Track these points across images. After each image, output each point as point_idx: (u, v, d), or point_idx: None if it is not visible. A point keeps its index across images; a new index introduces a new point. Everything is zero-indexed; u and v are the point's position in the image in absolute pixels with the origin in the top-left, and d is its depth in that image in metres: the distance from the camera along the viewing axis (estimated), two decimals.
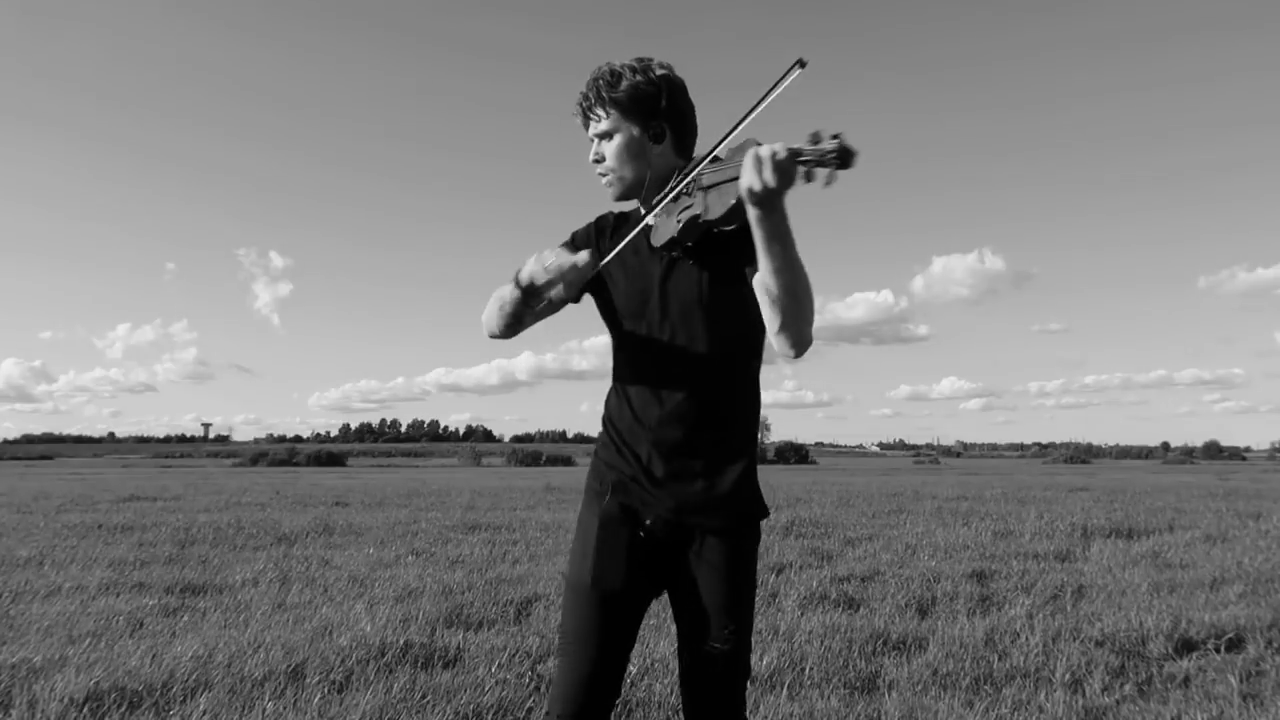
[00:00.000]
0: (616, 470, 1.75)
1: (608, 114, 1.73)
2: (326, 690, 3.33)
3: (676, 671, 1.85)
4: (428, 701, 3.22)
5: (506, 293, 1.69)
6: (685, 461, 1.70)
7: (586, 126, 1.79)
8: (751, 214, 1.47)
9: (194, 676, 3.43)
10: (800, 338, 1.56)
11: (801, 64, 1.47)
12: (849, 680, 3.55)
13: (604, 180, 1.77)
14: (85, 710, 3.09)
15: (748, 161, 1.43)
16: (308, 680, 3.43)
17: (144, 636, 4.28)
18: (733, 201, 1.53)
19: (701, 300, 1.69)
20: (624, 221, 1.86)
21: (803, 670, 3.62)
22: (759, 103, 1.52)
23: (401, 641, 3.90)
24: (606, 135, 1.74)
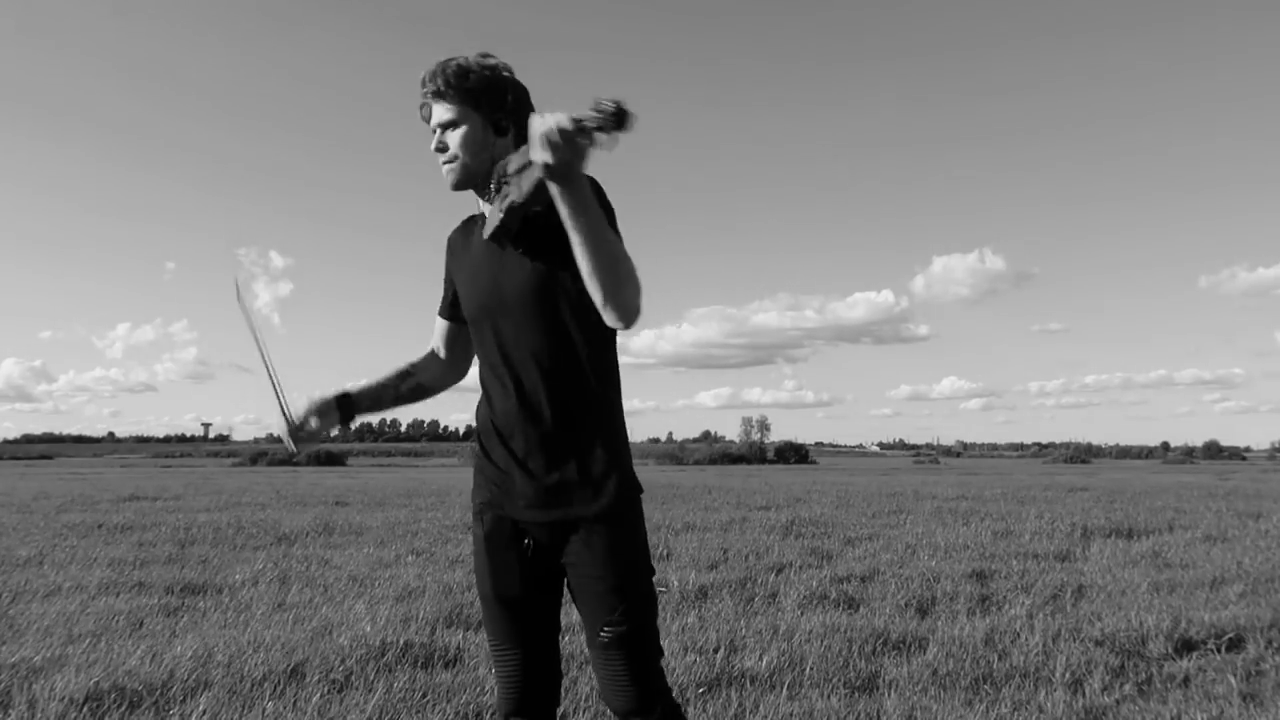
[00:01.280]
0: (489, 479, 1.79)
1: (453, 104, 1.74)
2: (326, 690, 3.33)
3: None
4: (428, 701, 3.23)
5: None
6: (543, 456, 1.70)
7: (429, 117, 1.79)
8: (552, 190, 1.47)
9: (194, 676, 3.43)
10: (624, 309, 1.54)
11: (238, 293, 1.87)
12: (849, 680, 3.56)
13: (445, 169, 1.77)
14: (85, 710, 3.10)
15: (532, 137, 1.43)
16: (307, 680, 3.43)
17: (144, 636, 4.28)
18: (535, 182, 1.54)
19: (537, 289, 1.68)
20: (470, 225, 1.90)
21: (802, 670, 3.62)
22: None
23: (401, 641, 3.90)
24: (451, 125, 1.74)
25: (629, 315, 1.56)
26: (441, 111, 1.75)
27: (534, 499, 1.72)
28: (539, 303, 1.69)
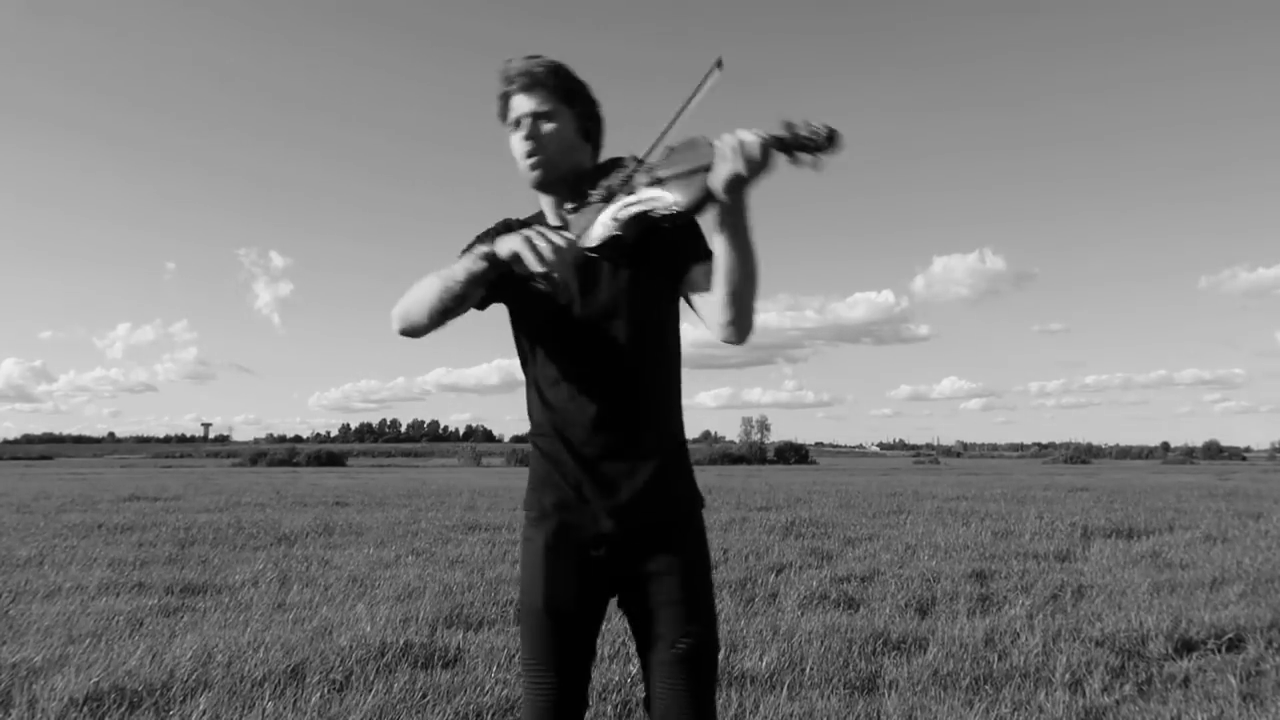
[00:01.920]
0: (554, 487, 1.71)
1: (549, 96, 1.68)
2: (326, 690, 3.33)
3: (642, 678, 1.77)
4: (428, 701, 3.22)
5: (458, 273, 1.60)
6: (617, 465, 1.67)
7: (506, 112, 1.70)
8: (723, 203, 1.48)
9: (194, 676, 3.43)
10: (750, 325, 1.60)
11: (719, 65, 1.52)
12: (849, 680, 3.55)
13: (531, 162, 1.68)
14: (85, 710, 3.10)
15: (727, 149, 1.43)
16: (307, 680, 3.43)
17: (144, 636, 4.28)
18: (700, 193, 1.51)
19: (627, 300, 1.67)
20: (534, 222, 1.78)
21: (803, 670, 3.62)
22: (683, 108, 1.56)
23: (401, 641, 3.89)
24: (545, 116, 1.67)
25: (749, 332, 1.61)
26: (535, 102, 1.67)
27: (612, 507, 1.66)
28: (630, 311, 1.66)
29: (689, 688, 1.63)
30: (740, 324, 1.59)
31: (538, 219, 1.79)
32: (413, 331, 1.71)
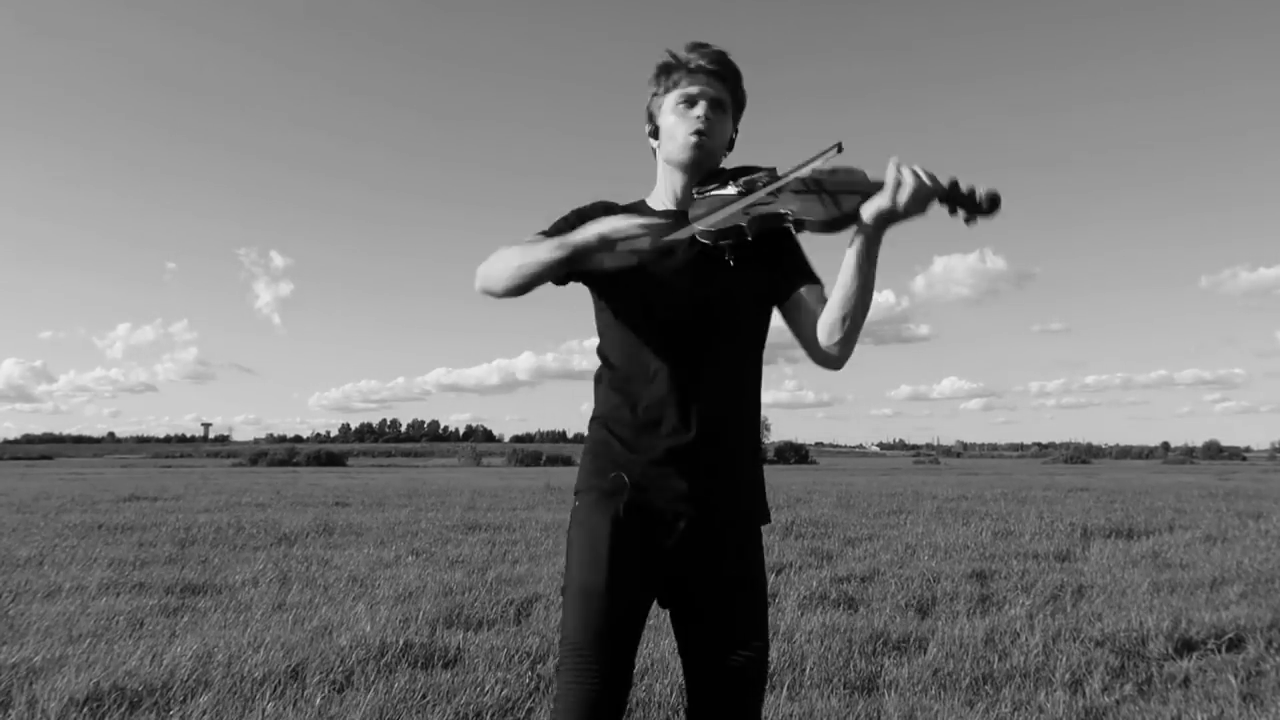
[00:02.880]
0: (629, 467, 1.63)
1: (727, 90, 1.73)
2: (326, 690, 3.33)
3: (683, 682, 1.77)
4: (428, 701, 3.22)
5: (540, 254, 1.58)
6: (710, 454, 1.63)
7: (680, 83, 1.71)
8: (867, 231, 1.52)
9: (194, 676, 3.43)
10: (851, 351, 1.63)
11: (840, 148, 1.53)
12: (849, 680, 3.55)
13: (696, 140, 1.69)
14: (85, 710, 3.09)
15: (892, 183, 1.46)
16: (308, 680, 3.43)
17: (144, 636, 4.28)
18: (844, 214, 1.54)
19: (734, 300, 1.67)
20: (634, 211, 1.78)
21: (803, 670, 3.62)
22: (795, 170, 1.60)
23: (401, 641, 3.89)
24: (720, 108, 1.72)
25: (848, 358, 1.64)
26: (717, 90, 1.72)
27: (690, 499, 1.62)
28: (735, 312, 1.67)
29: (753, 693, 1.61)
30: (846, 347, 1.61)
31: (639, 207, 1.80)
32: (490, 294, 1.69)
